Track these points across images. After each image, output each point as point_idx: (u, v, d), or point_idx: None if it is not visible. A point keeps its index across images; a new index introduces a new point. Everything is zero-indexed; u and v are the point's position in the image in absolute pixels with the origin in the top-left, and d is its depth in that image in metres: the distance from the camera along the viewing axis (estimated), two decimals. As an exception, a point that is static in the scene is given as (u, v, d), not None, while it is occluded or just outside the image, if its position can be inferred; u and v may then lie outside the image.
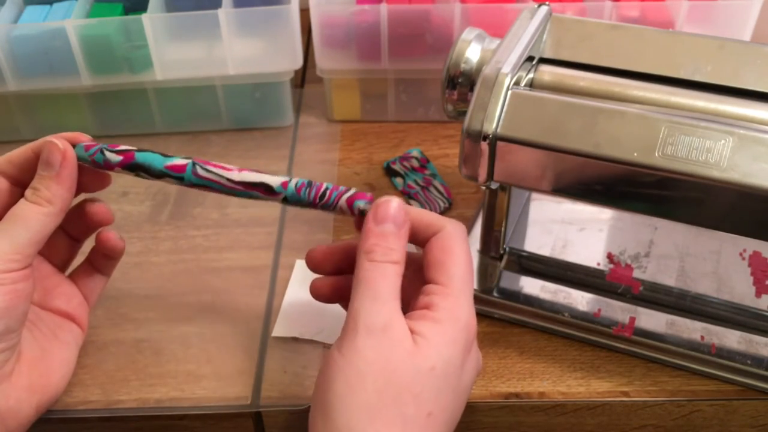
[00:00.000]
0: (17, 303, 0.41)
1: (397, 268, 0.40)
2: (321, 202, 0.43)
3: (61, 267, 0.49)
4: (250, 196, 0.44)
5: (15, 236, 0.41)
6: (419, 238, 0.42)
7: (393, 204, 0.41)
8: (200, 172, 0.44)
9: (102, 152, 0.44)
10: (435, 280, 0.40)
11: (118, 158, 0.44)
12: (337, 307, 0.52)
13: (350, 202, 0.43)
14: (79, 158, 0.44)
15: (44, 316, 0.47)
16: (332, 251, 0.46)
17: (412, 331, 0.38)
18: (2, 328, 0.41)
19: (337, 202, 0.43)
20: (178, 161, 0.44)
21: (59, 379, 0.46)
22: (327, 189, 0.44)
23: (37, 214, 0.42)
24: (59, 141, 0.43)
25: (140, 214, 0.60)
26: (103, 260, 0.49)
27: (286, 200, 0.44)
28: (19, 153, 0.45)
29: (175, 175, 0.44)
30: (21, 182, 0.45)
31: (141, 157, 0.44)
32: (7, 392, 0.42)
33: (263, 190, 0.44)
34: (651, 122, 0.42)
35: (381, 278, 0.39)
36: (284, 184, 0.43)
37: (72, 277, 0.49)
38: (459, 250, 0.41)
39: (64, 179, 0.43)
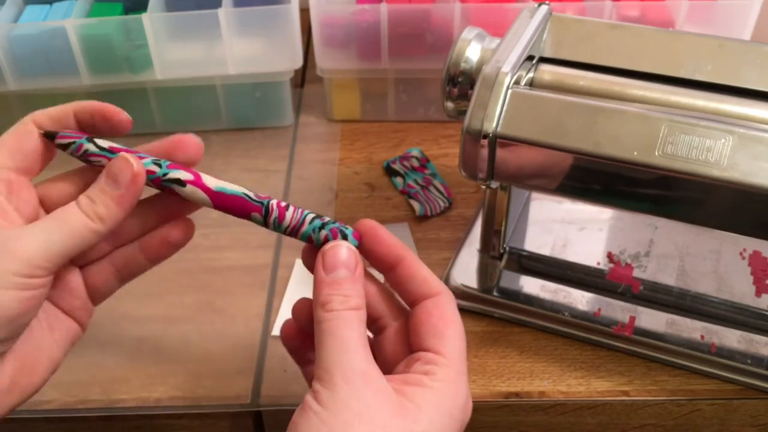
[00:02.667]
0: (30, 310, 0.38)
1: (360, 314, 0.37)
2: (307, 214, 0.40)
3: (82, 264, 0.43)
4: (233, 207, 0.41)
5: (52, 242, 0.37)
6: (409, 291, 0.39)
7: (342, 249, 0.38)
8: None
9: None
10: (434, 349, 0.37)
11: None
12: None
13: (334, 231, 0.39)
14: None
15: (46, 307, 0.42)
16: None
17: (402, 395, 0.36)
18: (5, 334, 0.37)
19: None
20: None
21: (41, 379, 0.41)
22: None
23: (84, 229, 0.38)
24: (134, 160, 0.39)
25: (140, 214, 0.60)
26: (144, 262, 0.44)
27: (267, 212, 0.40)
28: (59, 111, 0.42)
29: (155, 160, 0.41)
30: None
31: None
32: None
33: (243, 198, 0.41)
34: (651, 121, 0.42)
35: (345, 326, 0.36)
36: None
37: (86, 273, 0.43)
38: (458, 321, 0.39)
39: (126, 202, 0.39)
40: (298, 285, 0.54)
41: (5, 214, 0.39)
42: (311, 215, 0.40)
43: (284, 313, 0.52)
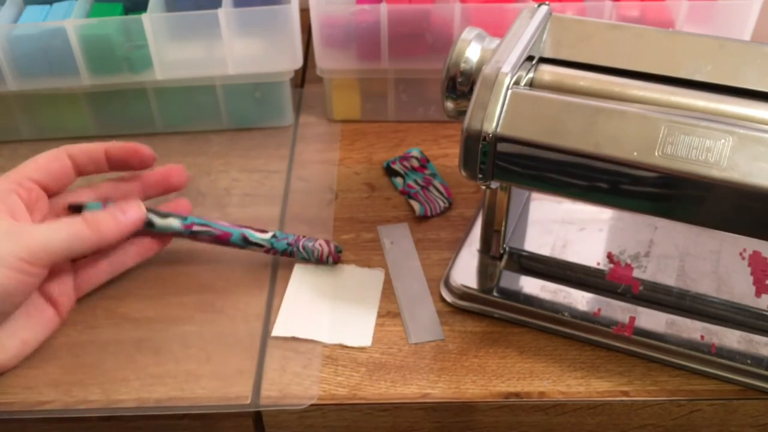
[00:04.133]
0: (22, 292, 0.45)
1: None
2: (304, 238, 0.54)
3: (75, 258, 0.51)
4: (243, 241, 0.54)
5: (53, 239, 0.46)
6: None
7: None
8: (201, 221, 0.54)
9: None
10: None
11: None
12: (337, 307, 0.52)
13: (328, 241, 0.54)
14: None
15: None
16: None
17: None
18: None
19: (317, 240, 0.54)
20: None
21: (10, 358, 0.47)
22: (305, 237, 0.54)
23: (83, 235, 0.47)
24: (143, 208, 0.51)
25: (140, 214, 0.60)
26: (134, 258, 0.53)
27: (275, 237, 0.54)
28: (91, 148, 0.52)
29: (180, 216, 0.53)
30: (83, 171, 0.52)
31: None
32: None
33: (255, 228, 0.54)
34: (651, 122, 0.42)
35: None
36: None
37: (78, 265, 0.51)
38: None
39: (123, 230, 0.49)
40: (298, 285, 0.54)
41: (24, 216, 0.48)
42: (300, 256, 0.55)
43: (284, 313, 0.52)
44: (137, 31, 0.61)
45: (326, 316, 0.52)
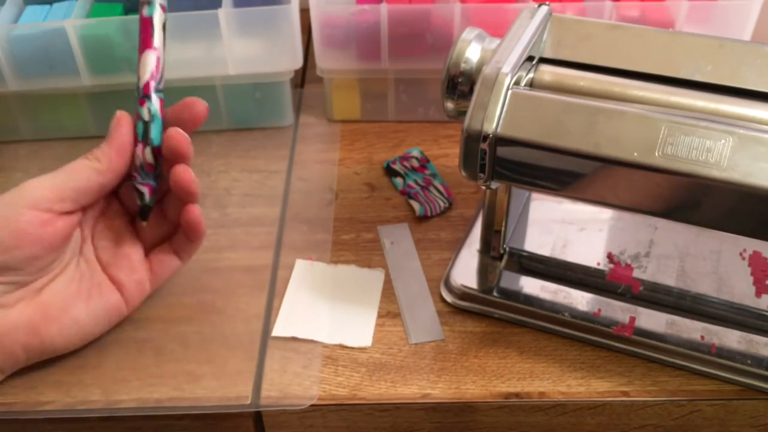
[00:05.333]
0: (23, 244, 0.44)
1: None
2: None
3: (148, 247, 0.51)
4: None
5: (57, 181, 0.45)
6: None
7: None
8: None
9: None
10: None
11: None
12: (337, 307, 0.52)
13: None
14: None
15: (97, 276, 0.48)
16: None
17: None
18: (14, 262, 0.44)
19: None
20: None
21: (58, 332, 0.46)
22: None
23: (84, 167, 0.46)
24: (120, 113, 0.49)
25: (140, 214, 0.60)
26: (183, 240, 0.51)
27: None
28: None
29: None
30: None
31: None
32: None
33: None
34: (651, 122, 0.42)
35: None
36: None
37: (149, 254, 0.51)
38: None
39: (113, 141, 0.47)
40: (298, 285, 0.54)
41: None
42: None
43: (284, 313, 0.52)
44: (137, 31, 0.61)
45: (326, 316, 0.52)
